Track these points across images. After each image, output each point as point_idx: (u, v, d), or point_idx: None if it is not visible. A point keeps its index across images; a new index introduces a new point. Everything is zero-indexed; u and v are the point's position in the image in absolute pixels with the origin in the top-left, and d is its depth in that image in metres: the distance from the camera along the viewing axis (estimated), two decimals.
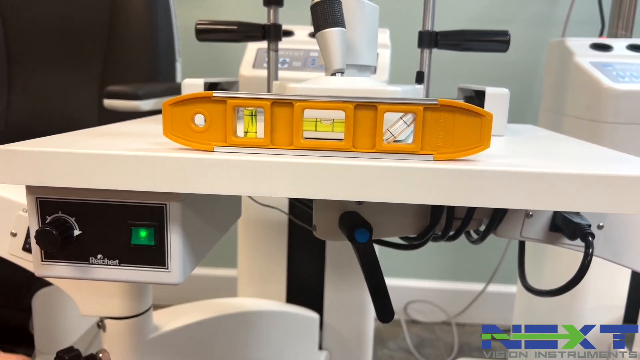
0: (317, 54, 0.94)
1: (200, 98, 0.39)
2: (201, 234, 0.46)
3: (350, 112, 0.38)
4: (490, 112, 0.38)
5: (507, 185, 0.36)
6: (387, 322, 0.50)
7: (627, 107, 0.90)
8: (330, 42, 0.48)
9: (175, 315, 0.70)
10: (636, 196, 0.36)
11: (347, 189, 0.38)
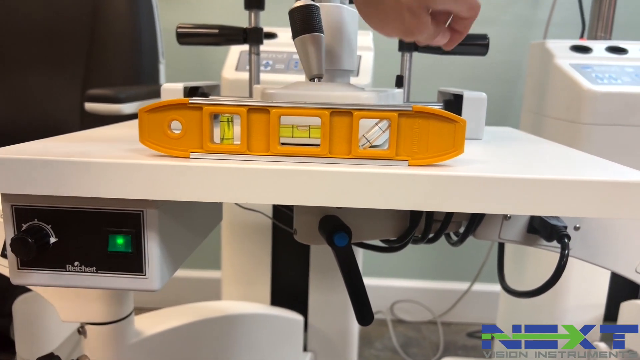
0: None
1: (176, 105, 0.39)
2: (179, 240, 0.46)
3: (326, 118, 0.39)
4: (463, 119, 0.39)
5: (478, 190, 0.37)
6: (366, 325, 0.51)
7: (605, 108, 0.92)
8: (308, 48, 0.48)
9: (157, 320, 0.69)
10: (607, 200, 0.37)
11: (324, 195, 0.38)
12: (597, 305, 1.01)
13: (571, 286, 1.01)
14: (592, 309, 1.02)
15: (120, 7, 1.15)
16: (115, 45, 1.14)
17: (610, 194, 0.36)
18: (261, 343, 0.85)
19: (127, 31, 1.14)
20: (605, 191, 0.36)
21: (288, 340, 0.89)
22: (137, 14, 1.15)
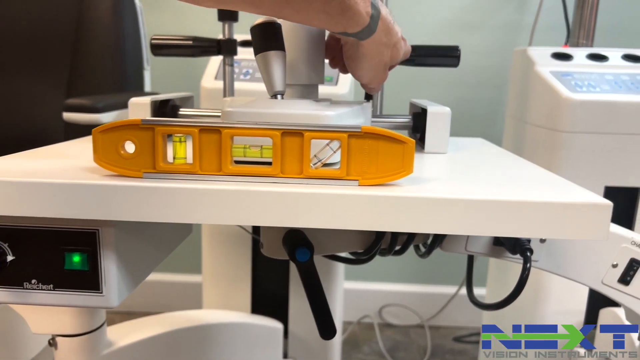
0: None
1: (129, 125, 0.39)
2: (139, 257, 0.46)
3: (277, 139, 0.39)
4: (412, 139, 0.39)
5: (422, 211, 0.37)
6: (328, 339, 0.51)
7: (583, 116, 0.92)
8: (270, 65, 0.49)
9: (131, 330, 0.70)
10: (549, 221, 0.37)
11: (274, 215, 0.38)
12: (578, 311, 1.02)
13: (552, 292, 1.02)
14: (572, 315, 1.02)
15: (104, 13, 1.15)
16: (99, 52, 1.15)
17: (550, 214, 0.37)
18: (239, 352, 0.85)
19: (111, 38, 1.15)
20: (545, 212, 0.37)
21: (267, 348, 0.89)
22: (121, 20, 1.16)
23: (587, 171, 0.94)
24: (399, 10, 1.46)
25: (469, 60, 1.49)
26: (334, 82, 0.91)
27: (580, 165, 0.94)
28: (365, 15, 0.45)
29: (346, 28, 0.45)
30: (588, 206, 0.37)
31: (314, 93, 0.57)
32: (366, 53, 0.49)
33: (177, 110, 0.62)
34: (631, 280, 0.58)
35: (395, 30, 0.50)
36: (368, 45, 0.48)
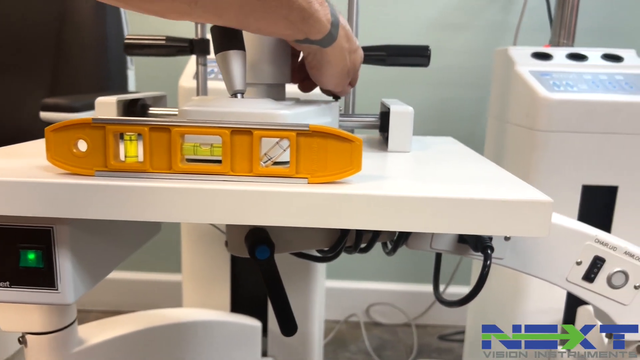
0: None
1: (81, 124, 0.39)
2: (98, 255, 0.47)
3: (226, 137, 0.39)
4: (359, 138, 0.39)
5: (368, 207, 0.38)
6: (290, 335, 0.51)
7: (560, 115, 0.93)
8: (229, 64, 0.49)
9: (103, 328, 0.70)
10: (487, 218, 0.37)
11: (223, 213, 0.39)
12: (557, 309, 1.02)
13: (531, 291, 1.02)
14: (551, 313, 1.03)
15: (86, 13, 1.16)
16: (82, 52, 1.15)
17: (491, 211, 0.37)
18: (217, 350, 0.86)
19: (94, 37, 1.15)
20: (487, 209, 0.37)
21: (245, 346, 0.90)
22: (104, 20, 1.16)
23: (564, 170, 0.95)
24: (385, 10, 1.47)
25: (455, 60, 1.49)
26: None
27: (558, 164, 0.94)
28: (326, 22, 0.46)
29: (308, 35, 0.46)
30: (529, 203, 0.37)
31: (280, 92, 0.57)
32: (330, 60, 0.51)
33: (147, 110, 0.62)
34: (595, 278, 0.59)
35: (353, 36, 0.52)
36: (332, 52, 0.50)
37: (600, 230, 0.59)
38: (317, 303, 1.01)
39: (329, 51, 0.50)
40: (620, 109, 0.93)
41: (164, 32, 0.72)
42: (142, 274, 1.68)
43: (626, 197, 0.95)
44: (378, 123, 0.63)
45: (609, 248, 0.58)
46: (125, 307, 1.63)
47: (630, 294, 0.59)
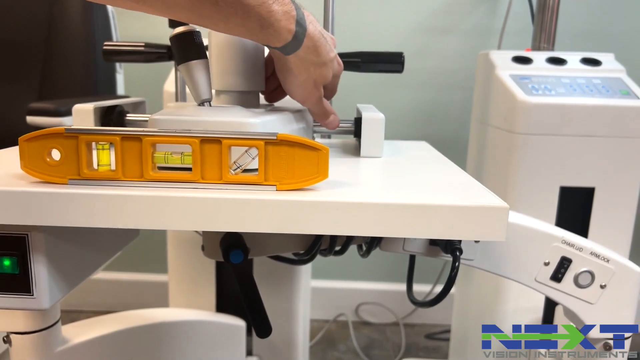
0: None
1: (54, 134, 0.41)
2: (73, 261, 0.48)
3: (196, 146, 0.41)
4: (326, 147, 0.41)
5: (333, 213, 0.39)
6: (264, 337, 0.53)
7: (538, 119, 0.95)
8: (194, 74, 0.50)
9: (88, 328, 0.71)
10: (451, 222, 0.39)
11: (194, 220, 0.40)
12: (536, 308, 1.04)
13: (511, 291, 1.04)
14: (531, 312, 1.05)
15: (75, 17, 1.16)
16: (70, 56, 1.16)
17: (450, 216, 0.39)
18: (201, 350, 0.87)
19: (82, 42, 1.16)
20: (446, 214, 0.39)
21: (230, 345, 0.91)
22: (92, 24, 1.17)
23: (542, 172, 0.97)
24: (369, 14, 1.48)
25: (440, 63, 1.51)
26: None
27: (536, 166, 0.96)
28: (286, 32, 0.45)
29: (268, 42, 0.47)
30: (486, 209, 0.39)
31: (253, 100, 0.58)
32: (292, 68, 0.50)
33: (124, 116, 0.63)
34: (562, 278, 0.61)
35: (325, 49, 0.50)
36: (294, 60, 0.49)
37: (567, 232, 0.61)
38: (301, 302, 1.03)
39: (290, 59, 0.49)
40: (597, 112, 0.95)
41: (152, 37, 0.73)
42: (131, 274, 1.69)
43: (603, 198, 0.97)
44: (352, 129, 0.64)
45: (576, 249, 0.60)
46: (115, 308, 1.63)
47: (597, 293, 0.61)
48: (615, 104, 0.95)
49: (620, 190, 0.97)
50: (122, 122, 0.65)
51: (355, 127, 0.63)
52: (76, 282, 0.49)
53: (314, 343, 1.55)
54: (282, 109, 0.58)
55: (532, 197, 0.98)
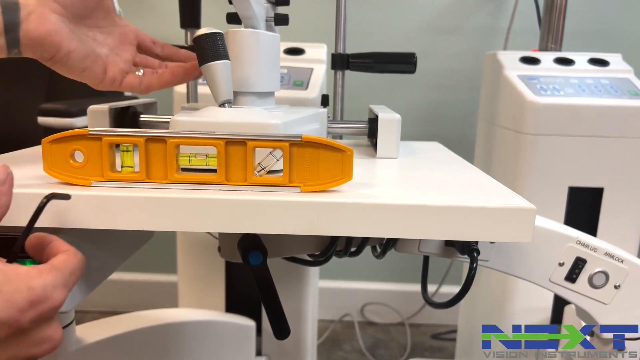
0: None
1: (77, 135, 0.41)
2: (93, 263, 0.48)
3: (221, 148, 0.41)
4: (350, 148, 0.41)
5: (360, 215, 0.39)
6: (283, 339, 0.53)
7: (546, 119, 0.95)
8: (215, 75, 0.50)
9: (100, 328, 0.71)
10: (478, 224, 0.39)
11: (219, 222, 0.40)
12: (545, 308, 1.04)
13: (520, 290, 1.04)
14: (539, 312, 1.05)
15: None
16: None
17: (477, 218, 0.39)
18: (211, 350, 0.87)
19: None
20: (473, 216, 0.39)
21: (239, 345, 0.91)
22: None
23: (551, 172, 0.97)
24: (376, 14, 1.49)
25: (446, 63, 1.51)
26: (304, 86, 0.93)
27: (545, 166, 0.97)
28: None
29: None
30: (513, 210, 0.39)
31: (269, 100, 0.58)
32: None
33: (138, 117, 0.63)
34: (577, 278, 0.61)
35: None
36: None
37: (582, 232, 0.61)
38: (310, 303, 1.03)
39: None
40: (605, 113, 0.95)
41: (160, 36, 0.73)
42: (139, 274, 1.69)
43: (611, 198, 0.98)
44: (366, 130, 0.64)
45: (590, 249, 0.60)
46: (123, 308, 1.64)
47: (611, 293, 0.61)
48: (624, 105, 0.95)
49: (629, 191, 0.97)
50: (135, 123, 0.65)
51: (370, 127, 0.63)
52: (95, 284, 0.49)
53: (320, 343, 1.55)
54: (299, 109, 0.58)
55: (540, 198, 0.98)
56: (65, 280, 0.35)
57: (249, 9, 0.54)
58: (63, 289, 0.35)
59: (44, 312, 0.34)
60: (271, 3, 0.60)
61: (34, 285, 0.33)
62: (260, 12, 0.56)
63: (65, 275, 0.35)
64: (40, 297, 0.33)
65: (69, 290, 0.36)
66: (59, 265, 0.36)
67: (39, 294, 0.33)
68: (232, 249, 0.56)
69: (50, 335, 0.35)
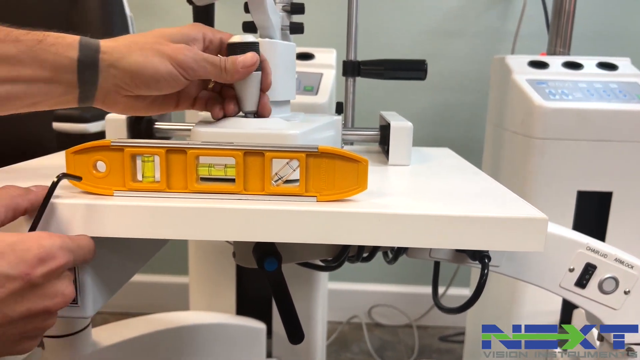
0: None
1: (100, 147, 0.42)
2: (114, 269, 0.49)
3: (240, 158, 0.42)
4: (365, 158, 0.42)
5: (374, 225, 0.40)
6: (297, 343, 0.54)
7: (555, 123, 0.95)
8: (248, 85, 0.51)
9: (115, 332, 0.73)
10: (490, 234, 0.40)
11: (238, 231, 0.41)
12: (553, 311, 1.05)
13: (528, 293, 1.05)
14: (548, 315, 1.05)
15: (93, 22, 1.18)
16: None
17: (490, 228, 0.40)
18: (222, 352, 0.88)
19: None
20: (486, 226, 0.40)
21: (250, 348, 0.92)
22: (111, 30, 1.18)
23: (560, 176, 0.97)
24: (384, 17, 1.49)
25: (453, 66, 1.52)
26: (314, 91, 0.94)
27: (553, 170, 0.97)
28: None
29: None
30: (526, 220, 0.40)
31: (285, 108, 0.59)
32: None
33: (153, 125, 0.64)
34: (587, 284, 0.61)
35: None
36: None
37: (592, 238, 0.62)
38: (320, 305, 1.04)
39: None
40: (614, 117, 0.95)
41: None
42: (150, 276, 1.70)
43: (620, 202, 0.98)
44: (377, 137, 0.65)
45: (600, 255, 0.61)
46: (134, 309, 1.66)
47: (621, 299, 0.62)
48: (633, 109, 0.95)
49: (638, 195, 0.97)
50: (150, 131, 0.66)
51: (382, 134, 0.64)
52: (115, 290, 0.50)
53: (328, 344, 1.56)
54: (314, 117, 0.59)
55: (549, 202, 0.98)
56: (73, 248, 0.39)
57: (267, 19, 0.55)
58: (69, 253, 0.38)
59: (53, 269, 0.37)
60: (286, 12, 0.61)
61: (44, 244, 0.37)
62: (276, 22, 0.57)
63: (74, 244, 0.39)
64: (49, 254, 0.37)
65: (74, 257, 0.39)
66: (70, 236, 0.40)
67: (48, 252, 0.37)
68: (246, 255, 0.57)
69: (62, 290, 0.38)
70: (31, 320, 0.37)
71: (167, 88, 0.48)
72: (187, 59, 0.47)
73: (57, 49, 0.45)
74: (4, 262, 0.35)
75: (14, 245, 0.36)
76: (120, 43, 0.47)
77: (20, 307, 0.36)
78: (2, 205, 0.38)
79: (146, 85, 0.47)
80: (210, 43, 0.52)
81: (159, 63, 0.47)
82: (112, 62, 0.46)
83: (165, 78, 0.47)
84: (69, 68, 0.45)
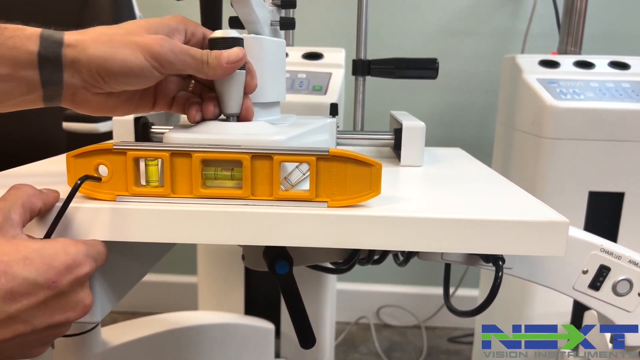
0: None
1: (102, 150, 0.41)
2: (122, 273, 0.48)
3: (247, 162, 0.41)
4: (379, 162, 0.41)
5: (387, 229, 0.39)
6: (308, 348, 0.53)
7: (567, 123, 0.94)
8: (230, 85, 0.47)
9: (124, 331, 0.73)
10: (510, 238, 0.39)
11: (245, 235, 0.40)
12: (564, 313, 1.04)
13: (539, 295, 1.03)
14: (559, 317, 1.04)
15: (105, 20, 1.17)
16: None
17: (509, 232, 0.38)
18: (230, 352, 0.88)
19: None
20: (505, 230, 0.39)
21: (259, 348, 0.92)
22: None
23: (571, 177, 0.96)
24: (394, 17, 1.48)
25: (463, 66, 1.50)
26: (322, 91, 0.94)
27: (565, 170, 0.96)
28: None
29: None
30: (546, 224, 0.39)
31: (274, 110, 0.57)
32: None
33: (149, 128, 0.63)
34: (601, 286, 0.60)
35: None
36: None
37: (606, 240, 0.61)
38: (329, 306, 1.03)
39: None
40: (626, 117, 0.94)
41: None
42: (159, 275, 1.71)
43: (632, 203, 0.96)
44: (391, 141, 0.63)
45: (614, 257, 0.60)
46: (143, 309, 1.66)
47: (635, 301, 0.61)
48: None
49: None
50: (146, 134, 0.64)
51: (396, 135, 0.63)
52: (123, 293, 0.49)
53: (336, 345, 1.56)
54: (305, 120, 0.57)
55: (560, 202, 0.97)
56: (95, 255, 0.38)
57: (251, 13, 0.51)
58: (93, 260, 0.38)
59: (79, 277, 0.36)
60: (276, 6, 0.56)
61: (70, 251, 0.36)
62: (264, 16, 0.53)
63: (94, 251, 0.38)
64: (76, 262, 0.36)
65: (96, 264, 0.39)
66: (88, 241, 0.39)
67: (75, 259, 0.36)
68: (256, 258, 0.56)
69: (83, 299, 0.38)
70: (51, 329, 0.36)
71: (140, 82, 0.44)
72: (163, 50, 0.43)
73: (14, 42, 0.40)
74: (31, 268, 0.34)
75: (41, 251, 0.34)
76: (87, 35, 0.43)
77: (46, 316, 0.35)
78: (20, 205, 0.37)
79: (115, 79, 0.43)
80: (193, 36, 0.48)
81: (129, 54, 0.42)
82: (76, 55, 0.42)
83: (135, 71, 0.43)
84: (28, 63, 0.41)
